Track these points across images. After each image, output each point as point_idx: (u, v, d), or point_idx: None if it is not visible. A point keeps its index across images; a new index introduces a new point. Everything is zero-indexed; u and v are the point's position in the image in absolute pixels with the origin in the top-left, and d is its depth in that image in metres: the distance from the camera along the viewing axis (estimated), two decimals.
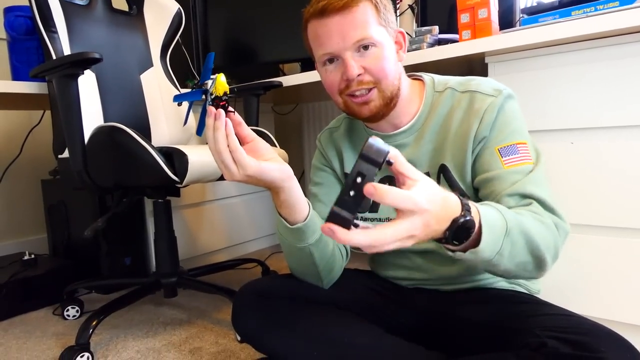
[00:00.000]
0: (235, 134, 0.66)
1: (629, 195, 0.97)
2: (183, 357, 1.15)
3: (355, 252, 0.94)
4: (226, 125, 0.65)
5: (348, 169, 0.93)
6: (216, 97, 0.65)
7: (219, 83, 0.65)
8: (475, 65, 1.30)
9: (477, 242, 0.59)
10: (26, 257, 1.66)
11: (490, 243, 0.60)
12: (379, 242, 0.50)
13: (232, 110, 0.68)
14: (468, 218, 0.56)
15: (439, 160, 0.83)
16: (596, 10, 0.98)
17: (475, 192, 0.81)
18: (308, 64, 1.78)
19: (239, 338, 1.21)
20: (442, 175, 0.83)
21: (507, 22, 1.25)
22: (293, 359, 0.82)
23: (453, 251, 0.61)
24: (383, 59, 0.78)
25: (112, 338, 1.29)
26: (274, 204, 0.79)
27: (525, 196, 0.72)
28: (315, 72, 1.48)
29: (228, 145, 0.65)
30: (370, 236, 0.50)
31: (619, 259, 0.99)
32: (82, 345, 1.11)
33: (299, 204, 0.77)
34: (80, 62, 1.06)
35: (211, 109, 0.65)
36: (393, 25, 0.82)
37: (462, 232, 0.57)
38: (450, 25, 1.37)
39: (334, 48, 0.78)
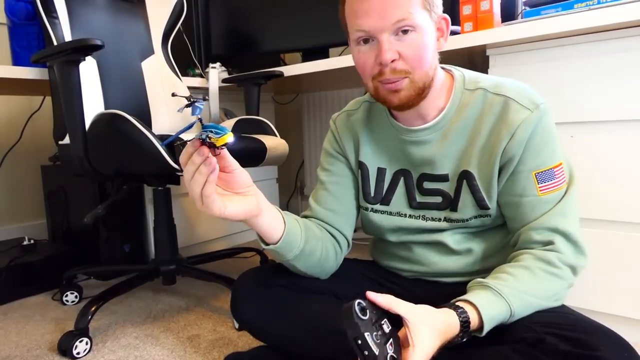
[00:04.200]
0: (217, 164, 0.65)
1: (628, 189, 0.98)
2: (181, 344, 1.16)
3: (357, 242, 0.95)
4: (212, 171, 0.64)
5: (363, 158, 0.90)
6: (212, 143, 0.63)
7: (224, 138, 0.62)
8: (476, 57, 1.30)
9: (480, 330, 0.68)
10: (25, 242, 1.67)
11: (492, 325, 0.68)
12: None
13: (219, 152, 0.65)
14: (465, 339, 0.68)
15: (462, 165, 0.81)
16: (599, 3, 0.98)
17: (498, 203, 0.80)
18: (309, 54, 1.78)
19: (237, 326, 1.23)
20: (465, 181, 0.81)
21: (509, 13, 1.25)
22: (291, 347, 0.84)
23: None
24: (421, 47, 0.73)
25: (111, 324, 1.30)
26: None
27: (551, 229, 0.75)
28: (316, 62, 1.48)
29: (203, 186, 0.65)
30: None
31: (619, 253, 1.00)
32: (81, 330, 1.12)
33: (270, 230, 0.79)
34: (81, 49, 1.05)
35: (201, 148, 0.63)
36: (437, 10, 0.76)
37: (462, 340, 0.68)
38: (452, 15, 1.36)
39: (371, 27, 0.72)
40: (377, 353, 0.61)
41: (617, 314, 1.01)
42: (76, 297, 1.47)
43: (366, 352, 0.60)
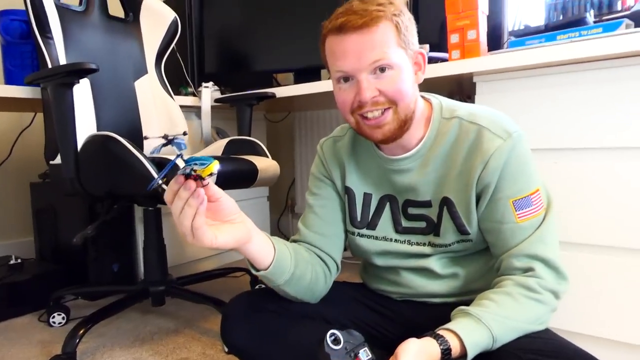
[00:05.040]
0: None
1: (609, 214, 1.00)
2: None
3: (347, 261, 0.96)
4: (201, 202, 0.64)
5: (350, 183, 0.92)
6: (198, 175, 0.62)
7: (210, 168, 0.61)
8: (464, 83, 1.34)
9: (464, 357, 0.68)
10: (12, 262, 1.65)
11: (475, 352, 0.69)
12: None
13: (207, 182, 0.65)
14: None
15: (443, 192, 0.83)
16: (580, 35, 1.02)
17: (480, 228, 0.82)
18: (302, 75, 1.81)
19: (226, 349, 1.22)
20: (446, 207, 0.83)
21: (495, 41, 1.28)
22: None
23: None
24: (399, 82, 0.76)
25: (99, 347, 1.29)
26: None
27: (530, 256, 0.76)
28: (308, 84, 1.50)
29: (193, 219, 0.65)
30: None
31: (602, 276, 1.02)
32: (69, 354, 1.11)
33: (260, 256, 0.79)
34: (76, 72, 1.07)
35: (187, 182, 0.63)
36: (413, 46, 0.79)
37: None
38: (440, 39, 1.39)
39: (349, 67, 0.75)
40: None
41: (601, 337, 1.03)
42: (63, 318, 1.46)
43: None
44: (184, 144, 0.65)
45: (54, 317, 1.45)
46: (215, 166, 0.61)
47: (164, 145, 0.66)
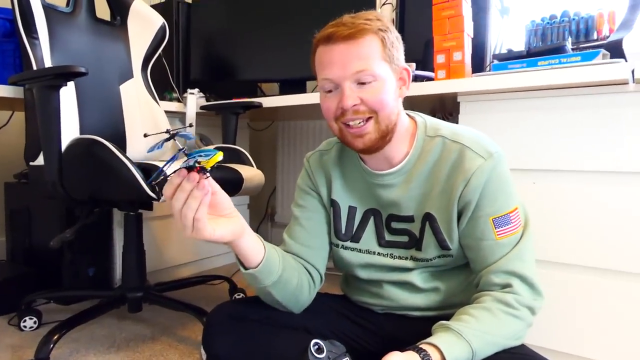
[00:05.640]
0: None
1: (583, 235, 1.04)
2: None
3: (327, 272, 0.98)
4: (206, 194, 0.67)
5: (335, 196, 0.94)
6: (202, 167, 0.64)
7: (215, 159, 0.63)
8: (447, 102, 1.38)
9: None
10: None
11: None
12: None
13: (208, 175, 0.67)
14: None
15: (425, 208, 0.86)
16: (560, 63, 1.06)
17: (461, 244, 0.85)
18: (287, 85, 1.83)
19: (204, 358, 1.21)
20: (428, 223, 0.86)
21: (479, 64, 1.33)
22: None
23: None
24: (382, 93, 0.79)
25: (72, 353, 1.26)
26: None
27: (508, 273, 0.79)
28: (294, 96, 1.52)
29: (196, 211, 0.67)
30: None
31: (578, 294, 1.06)
32: None
33: (252, 253, 0.81)
34: (65, 75, 1.05)
35: (191, 174, 0.64)
36: (398, 62, 0.82)
37: None
38: (425, 56, 1.43)
39: (334, 75, 0.79)
40: None
41: (574, 354, 1.07)
42: (35, 322, 1.42)
43: None
44: (192, 135, 0.66)
45: (25, 321, 1.40)
46: (220, 157, 0.63)
47: (167, 140, 0.66)
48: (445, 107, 1.57)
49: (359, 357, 0.86)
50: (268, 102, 1.60)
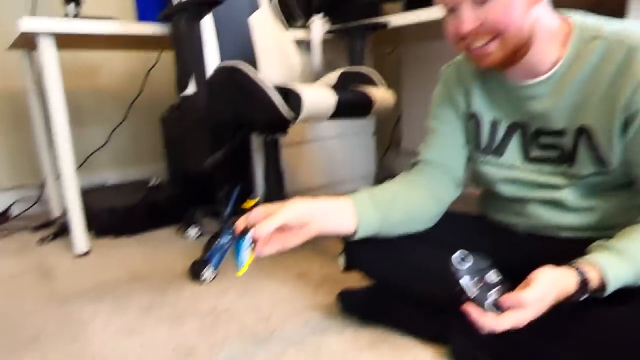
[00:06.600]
0: None
1: None
2: (291, 279, 1.27)
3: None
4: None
5: (475, 109, 0.90)
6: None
7: (250, 202, 0.70)
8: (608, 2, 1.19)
9: (603, 290, 0.67)
10: (151, 183, 1.89)
11: (616, 285, 0.67)
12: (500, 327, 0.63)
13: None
14: (582, 297, 0.66)
15: (580, 120, 0.78)
16: None
17: (624, 160, 0.76)
18: (411, 3, 1.73)
19: (341, 268, 1.30)
20: (584, 136, 0.78)
21: None
22: (404, 288, 0.89)
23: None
24: (504, 10, 0.70)
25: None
26: None
27: None
28: (420, 11, 1.44)
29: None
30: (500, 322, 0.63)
31: None
32: (207, 260, 1.27)
33: (342, 229, 0.82)
34: (206, 3, 1.14)
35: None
36: None
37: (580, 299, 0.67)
38: None
39: None
40: (474, 297, 0.64)
41: None
42: (197, 232, 1.66)
43: (464, 296, 0.65)
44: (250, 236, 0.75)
45: (188, 230, 1.65)
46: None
47: (238, 239, 0.76)
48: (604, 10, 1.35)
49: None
50: (394, 21, 1.55)
